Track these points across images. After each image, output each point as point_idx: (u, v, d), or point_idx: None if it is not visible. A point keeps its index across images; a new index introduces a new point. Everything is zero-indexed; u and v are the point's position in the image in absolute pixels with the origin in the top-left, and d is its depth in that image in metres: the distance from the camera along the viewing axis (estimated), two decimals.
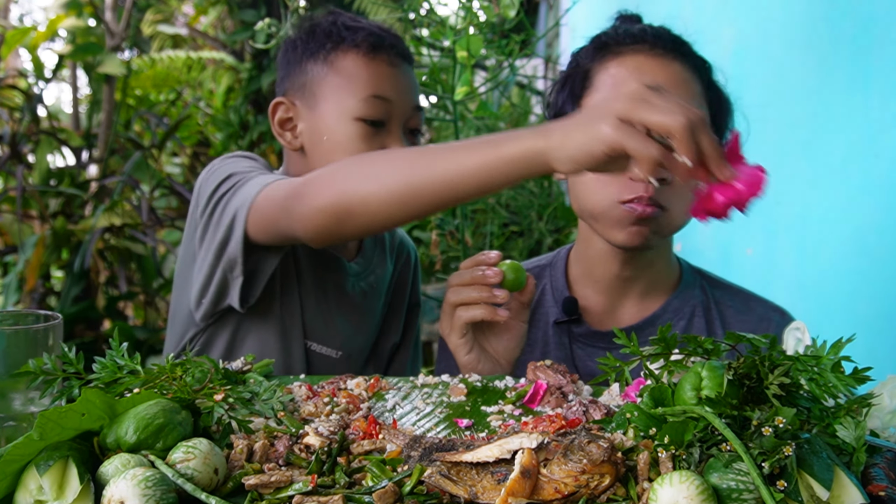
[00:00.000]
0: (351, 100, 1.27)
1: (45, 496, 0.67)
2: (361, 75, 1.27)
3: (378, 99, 1.27)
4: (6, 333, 0.84)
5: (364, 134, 1.27)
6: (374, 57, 1.29)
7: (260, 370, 1.00)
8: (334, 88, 1.29)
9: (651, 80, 1.19)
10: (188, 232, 1.31)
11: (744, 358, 0.76)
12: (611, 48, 1.24)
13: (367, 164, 1.02)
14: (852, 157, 1.67)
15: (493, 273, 1.08)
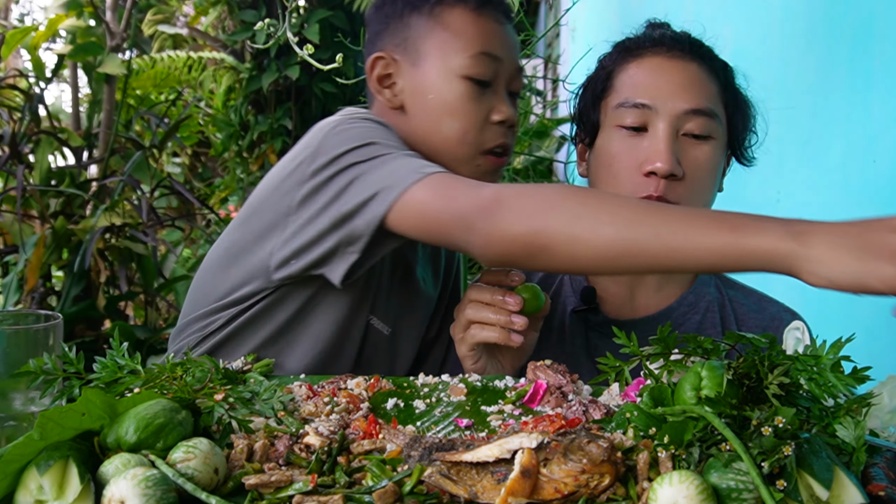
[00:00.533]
0: (459, 56, 1.21)
1: (46, 496, 0.67)
2: (470, 31, 1.21)
3: (487, 56, 1.21)
4: (6, 333, 0.84)
5: (472, 93, 1.21)
6: (482, 13, 1.23)
7: (260, 370, 1.00)
8: (440, 44, 1.22)
9: (668, 79, 1.21)
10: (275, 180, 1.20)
11: (743, 358, 0.76)
12: (631, 51, 1.27)
13: (582, 202, 0.93)
14: (852, 158, 1.67)
15: (514, 302, 1.08)
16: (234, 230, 1.27)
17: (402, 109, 1.26)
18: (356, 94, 3.98)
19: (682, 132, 1.20)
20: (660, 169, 1.17)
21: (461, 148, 1.22)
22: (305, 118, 4.14)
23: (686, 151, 1.20)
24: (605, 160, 1.25)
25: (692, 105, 1.20)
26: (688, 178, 1.19)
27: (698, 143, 1.21)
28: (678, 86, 1.21)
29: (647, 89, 1.22)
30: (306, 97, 4.08)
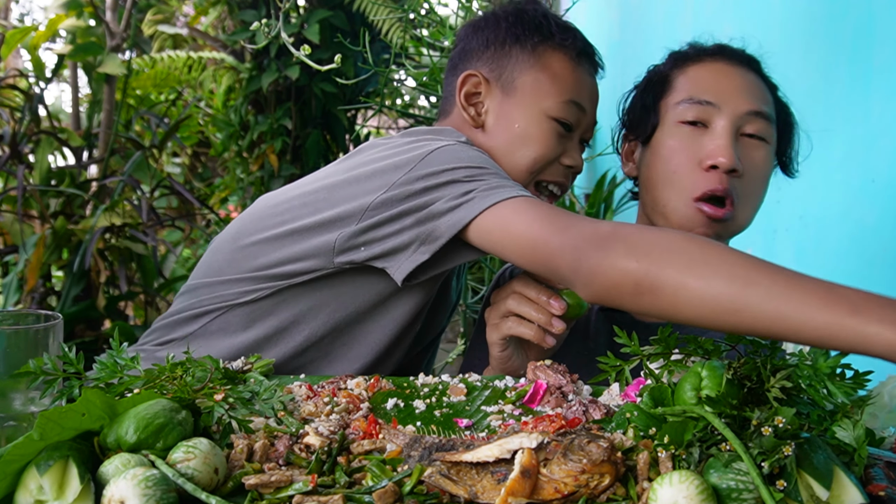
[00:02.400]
0: (551, 99, 1.28)
1: (46, 496, 0.67)
2: (567, 78, 1.29)
3: (575, 105, 1.29)
4: (6, 333, 0.84)
5: (555, 134, 1.27)
6: (580, 63, 1.31)
7: (260, 370, 1.00)
8: (537, 83, 1.28)
9: (730, 81, 1.25)
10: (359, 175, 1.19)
11: (745, 359, 0.76)
12: (690, 57, 1.31)
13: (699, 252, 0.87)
14: (852, 157, 1.67)
15: (558, 306, 1.10)
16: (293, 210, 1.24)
17: (483, 128, 1.31)
18: (356, 94, 3.99)
19: (742, 132, 1.24)
20: (722, 163, 1.20)
21: (525, 176, 1.27)
22: (305, 118, 4.14)
23: (745, 151, 1.23)
24: (664, 154, 1.27)
25: (754, 107, 1.23)
26: (746, 176, 1.22)
27: (756, 144, 1.24)
28: (740, 88, 1.25)
29: (711, 88, 1.25)
30: (306, 97, 4.08)
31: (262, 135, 4.27)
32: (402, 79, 3.87)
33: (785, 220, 1.99)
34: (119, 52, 3.97)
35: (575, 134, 1.30)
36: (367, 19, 3.32)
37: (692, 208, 1.22)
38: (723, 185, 1.20)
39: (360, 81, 3.44)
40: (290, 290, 1.22)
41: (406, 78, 3.89)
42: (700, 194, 1.21)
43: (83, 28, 4.20)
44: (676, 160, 1.25)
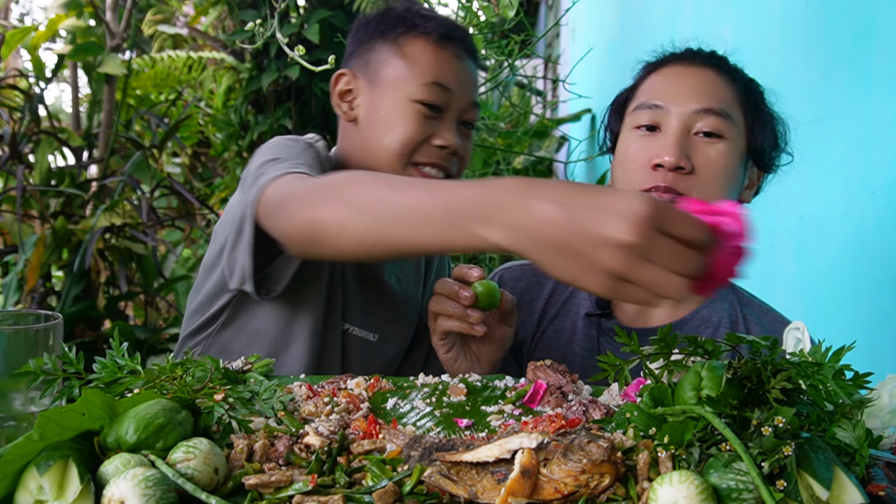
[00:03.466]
0: (413, 83, 1.32)
1: (46, 496, 0.67)
2: (427, 62, 1.32)
3: (438, 86, 1.32)
4: (6, 333, 0.84)
5: (419, 116, 1.31)
6: (442, 47, 1.34)
7: (260, 370, 1.00)
8: (399, 70, 1.33)
9: (681, 83, 1.29)
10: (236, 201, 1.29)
11: (745, 360, 0.76)
12: (655, 65, 1.36)
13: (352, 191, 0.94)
14: (852, 157, 1.67)
15: (466, 296, 1.13)
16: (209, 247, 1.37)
17: (356, 122, 1.37)
18: None
19: (694, 131, 1.26)
20: (666, 161, 1.23)
21: (396, 159, 1.32)
22: (305, 118, 4.14)
23: (697, 149, 1.26)
24: (620, 159, 1.32)
25: (702, 104, 1.26)
26: (698, 173, 1.25)
27: (710, 141, 1.26)
28: (691, 88, 1.29)
29: (662, 92, 1.30)
30: (306, 97, 4.08)
31: (262, 135, 4.26)
32: None
33: (785, 220, 1.99)
34: (119, 52, 3.96)
35: (446, 115, 1.33)
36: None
37: None
38: (666, 182, 1.23)
39: None
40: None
41: None
42: (645, 189, 1.25)
43: (83, 28, 4.20)
44: (629, 162, 1.29)
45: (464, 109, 1.35)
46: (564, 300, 1.40)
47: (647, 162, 1.26)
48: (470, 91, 1.36)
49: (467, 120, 1.37)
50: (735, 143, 1.28)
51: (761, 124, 1.32)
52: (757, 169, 1.37)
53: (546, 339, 1.39)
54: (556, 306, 1.41)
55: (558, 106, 5.48)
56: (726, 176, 1.27)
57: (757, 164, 1.35)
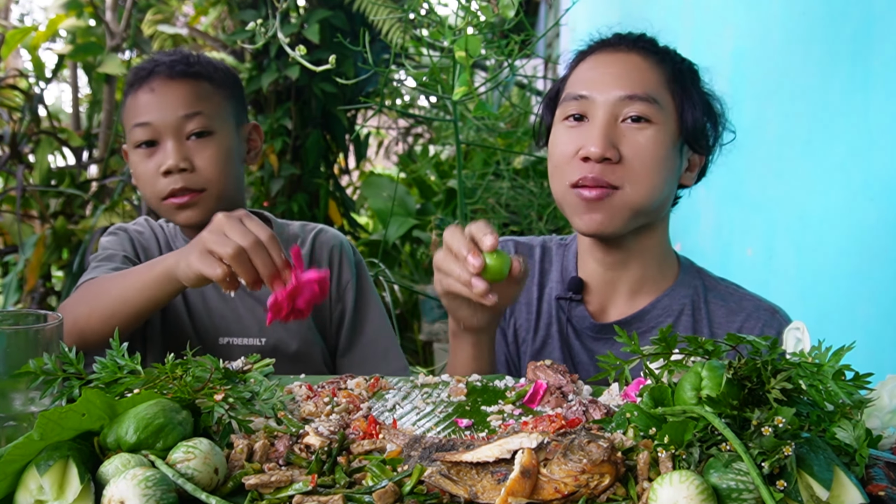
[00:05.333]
0: (127, 133, 1.47)
1: (46, 496, 0.67)
2: (128, 110, 1.46)
3: (139, 126, 1.43)
4: (6, 333, 0.84)
5: (142, 157, 1.44)
6: (136, 90, 1.45)
7: (261, 370, 1.00)
8: (125, 128, 1.49)
9: (605, 71, 1.28)
10: None
11: (745, 360, 0.76)
12: (583, 54, 1.34)
13: (85, 293, 1.29)
14: (852, 157, 1.67)
15: (474, 264, 1.05)
16: None
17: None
18: (356, 94, 3.98)
19: (622, 118, 1.24)
20: (592, 153, 1.21)
21: (150, 202, 1.48)
22: (305, 118, 4.14)
23: (625, 136, 1.23)
24: (550, 151, 1.31)
25: (627, 91, 1.24)
26: (627, 161, 1.22)
27: (638, 127, 1.23)
28: (614, 75, 1.26)
29: (587, 81, 1.28)
30: (306, 97, 4.08)
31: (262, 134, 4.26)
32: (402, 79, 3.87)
33: (785, 220, 1.99)
34: (119, 52, 3.96)
35: (163, 143, 1.42)
36: (367, 19, 3.32)
37: (571, 194, 1.25)
38: (593, 173, 1.22)
39: (360, 81, 3.44)
40: None
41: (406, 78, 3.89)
42: (573, 182, 1.24)
43: (83, 28, 4.20)
44: (558, 153, 1.28)
45: (178, 127, 1.42)
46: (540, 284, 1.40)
47: (575, 154, 1.24)
48: (176, 108, 1.43)
49: (193, 131, 1.43)
50: (665, 127, 1.25)
51: (692, 105, 1.28)
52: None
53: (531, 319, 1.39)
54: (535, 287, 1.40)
55: None
56: (657, 162, 1.24)
57: (691, 147, 1.31)
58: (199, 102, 1.45)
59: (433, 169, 4.99)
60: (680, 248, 1.44)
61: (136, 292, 1.21)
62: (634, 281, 1.33)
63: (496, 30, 2.19)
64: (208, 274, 1.09)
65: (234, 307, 1.47)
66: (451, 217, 3.09)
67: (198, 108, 1.44)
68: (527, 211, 3.24)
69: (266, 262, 1.08)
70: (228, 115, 1.50)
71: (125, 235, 1.52)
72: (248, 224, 1.10)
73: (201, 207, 1.44)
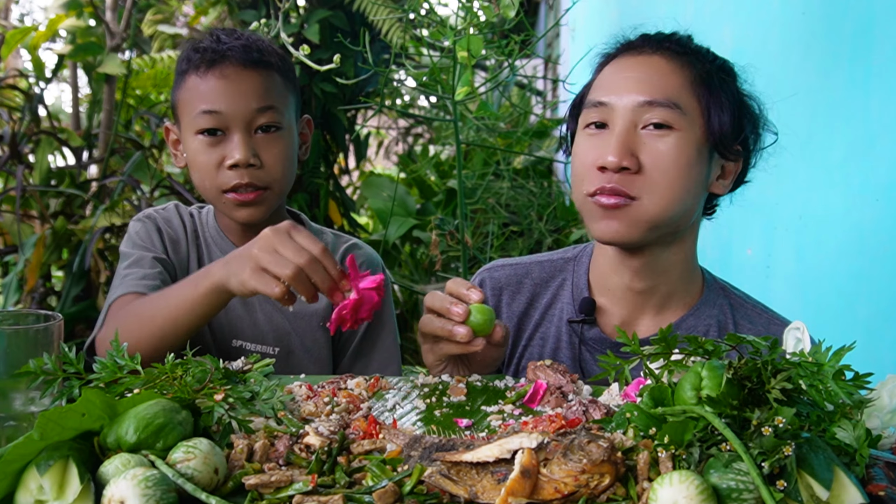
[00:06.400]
0: (190, 118, 1.39)
1: (46, 496, 0.67)
2: (195, 93, 1.38)
3: (208, 113, 1.36)
4: (6, 333, 0.84)
5: (204, 145, 1.38)
6: (206, 73, 1.38)
7: (261, 370, 1.00)
8: (183, 109, 1.41)
9: (626, 75, 1.23)
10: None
11: (745, 360, 0.76)
12: (607, 58, 1.29)
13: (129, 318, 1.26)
14: (852, 157, 1.67)
15: (458, 312, 1.05)
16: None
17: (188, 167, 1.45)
18: (356, 94, 3.99)
19: (642, 125, 1.19)
20: (609, 162, 1.17)
21: (206, 192, 1.42)
22: None
23: (646, 144, 1.19)
24: (573, 160, 1.27)
25: (647, 97, 1.19)
26: (647, 170, 1.18)
27: (659, 134, 1.18)
28: (634, 80, 1.21)
29: (607, 88, 1.23)
30: (306, 97, 4.08)
31: None
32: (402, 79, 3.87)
33: (785, 220, 1.99)
34: (119, 52, 3.96)
35: (230, 134, 1.37)
36: (367, 19, 3.32)
37: (589, 203, 1.21)
38: (610, 183, 1.17)
39: (360, 81, 3.44)
40: None
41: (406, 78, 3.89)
42: (590, 192, 1.20)
43: (83, 28, 4.20)
44: (578, 162, 1.24)
45: (249, 119, 1.37)
46: (547, 305, 1.35)
47: (594, 163, 1.19)
48: (249, 100, 1.37)
49: (262, 125, 1.38)
50: (688, 133, 1.19)
51: (720, 109, 1.21)
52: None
53: (533, 346, 1.34)
54: (538, 311, 1.35)
55: (558, 106, 5.48)
56: (678, 171, 1.18)
57: (720, 154, 1.24)
58: (270, 95, 1.39)
59: (433, 169, 4.99)
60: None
61: (186, 312, 1.18)
62: (661, 297, 1.28)
63: (496, 30, 2.19)
64: (266, 292, 1.07)
65: (253, 312, 1.44)
66: (451, 217, 3.09)
67: (270, 101, 1.39)
68: (527, 211, 3.24)
69: (324, 277, 1.06)
70: (292, 109, 1.45)
71: (152, 225, 1.46)
72: (299, 239, 1.07)
73: (264, 206, 1.40)
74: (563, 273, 1.36)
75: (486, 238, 3.03)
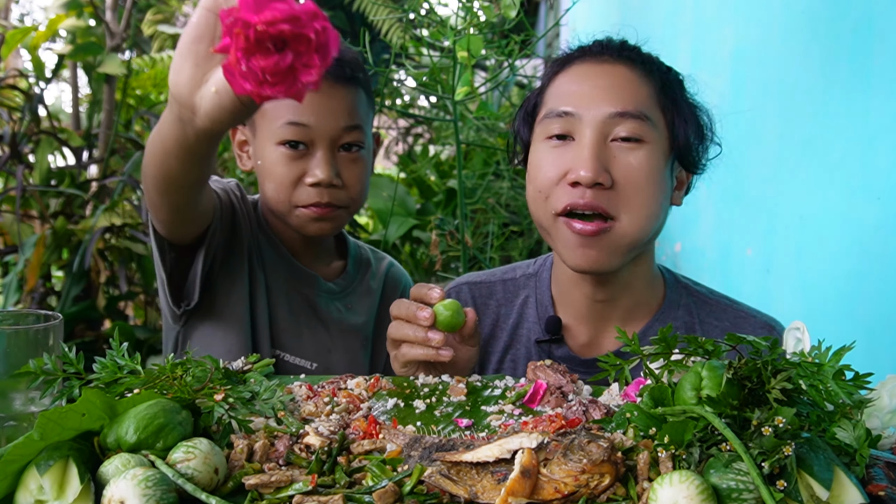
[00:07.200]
0: (273, 126, 1.34)
1: (46, 496, 0.67)
2: (282, 102, 1.29)
3: (295, 125, 1.31)
4: (6, 333, 0.84)
5: (285, 157, 1.33)
6: None
7: (261, 370, 1.00)
8: (265, 116, 1.35)
9: (592, 84, 1.17)
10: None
11: (745, 360, 0.76)
12: (562, 63, 1.23)
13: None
14: (852, 157, 1.67)
15: (425, 316, 1.04)
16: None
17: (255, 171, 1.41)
18: None
19: (611, 138, 1.14)
20: (583, 178, 1.11)
21: (278, 205, 1.37)
22: None
23: (616, 158, 1.14)
24: (532, 174, 1.20)
25: (618, 108, 1.14)
26: (619, 185, 1.13)
27: (629, 147, 1.14)
28: (602, 90, 1.15)
29: (571, 96, 1.17)
30: None
31: None
32: (402, 79, 3.87)
33: (785, 220, 1.99)
34: (119, 52, 3.96)
35: (313, 150, 1.32)
36: (367, 19, 3.32)
37: (561, 225, 1.15)
38: (584, 199, 1.12)
39: None
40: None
41: (406, 78, 3.89)
42: (560, 209, 1.14)
43: (83, 28, 4.20)
44: (542, 177, 1.17)
45: (336, 137, 1.33)
46: (514, 326, 1.31)
47: (562, 177, 1.14)
48: (338, 117, 1.33)
49: (348, 143, 1.34)
50: (657, 146, 1.15)
51: (683, 120, 1.18)
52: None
53: (504, 369, 1.30)
54: (506, 332, 1.31)
55: None
56: (651, 185, 1.14)
57: (682, 165, 1.21)
58: (357, 114, 1.35)
59: (433, 169, 4.99)
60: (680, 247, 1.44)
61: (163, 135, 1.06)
62: (624, 309, 1.25)
63: (497, 30, 2.19)
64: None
65: (299, 325, 1.42)
66: (451, 217, 3.09)
67: (357, 120, 1.35)
68: (527, 211, 3.24)
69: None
70: (370, 126, 1.42)
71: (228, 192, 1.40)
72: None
73: (338, 222, 1.38)
74: (525, 290, 1.33)
75: (486, 238, 3.03)
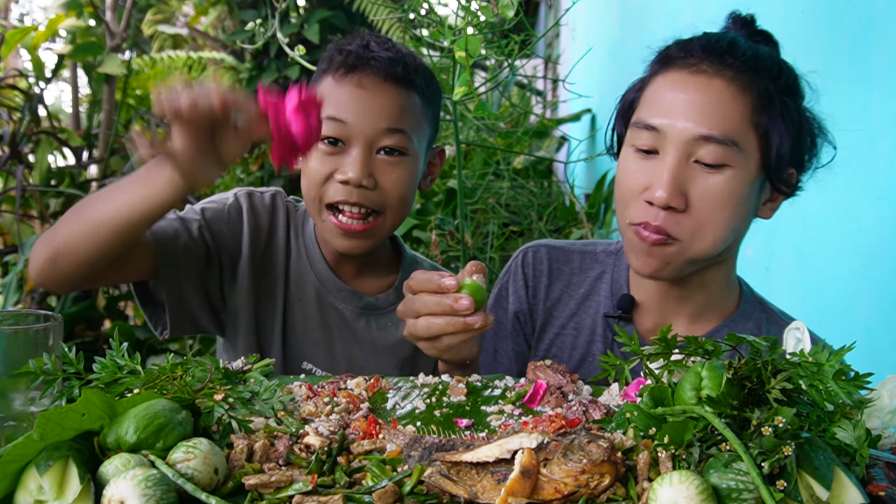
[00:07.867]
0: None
1: (46, 496, 0.67)
2: (327, 96, 1.26)
3: (332, 120, 1.27)
4: (6, 333, 0.84)
5: (319, 153, 1.29)
6: (343, 79, 1.30)
7: (260, 370, 1.00)
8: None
9: (683, 98, 1.13)
10: None
11: (745, 360, 0.76)
12: (664, 60, 1.20)
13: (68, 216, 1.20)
14: (852, 157, 1.67)
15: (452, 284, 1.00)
16: None
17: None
18: None
19: (694, 158, 1.12)
20: (657, 198, 1.11)
21: (310, 203, 1.34)
22: None
23: (695, 180, 1.12)
24: (618, 178, 1.21)
25: (704, 131, 1.10)
26: (694, 210, 1.12)
27: (710, 172, 1.12)
28: (692, 107, 1.12)
29: (661, 109, 1.14)
30: None
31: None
32: None
33: (785, 220, 1.98)
34: (119, 52, 3.96)
35: (349, 148, 1.28)
36: (367, 19, 3.33)
37: (630, 231, 1.16)
38: (656, 221, 1.12)
39: None
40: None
41: None
42: (635, 222, 1.15)
43: (83, 28, 4.20)
44: (624, 185, 1.18)
45: (374, 138, 1.28)
46: (584, 296, 1.31)
47: (641, 191, 1.14)
48: (378, 118, 1.28)
49: (386, 146, 1.29)
50: (742, 170, 1.12)
51: (778, 138, 1.13)
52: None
53: (566, 334, 1.31)
54: (574, 300, 1.32)
55: (558, 106, 5.48)
56: (727, 209, 1.12)
57: (773, 186, 1.17)
58: (404, 118, 1.29)
59: None
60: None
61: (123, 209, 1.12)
62: (696, 307, 1.25)
63: (496, 30, 2.19)
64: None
65: (332, 340, 1.40)
66: (451, 217, 3.09)
67: (401, 124, 1.29)
68: (527, 211, 3.24)
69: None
70: (424, 138, 1.35)
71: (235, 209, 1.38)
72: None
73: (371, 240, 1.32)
74: (602, 265, 1.33)
75: (486, 238, 3.03)
